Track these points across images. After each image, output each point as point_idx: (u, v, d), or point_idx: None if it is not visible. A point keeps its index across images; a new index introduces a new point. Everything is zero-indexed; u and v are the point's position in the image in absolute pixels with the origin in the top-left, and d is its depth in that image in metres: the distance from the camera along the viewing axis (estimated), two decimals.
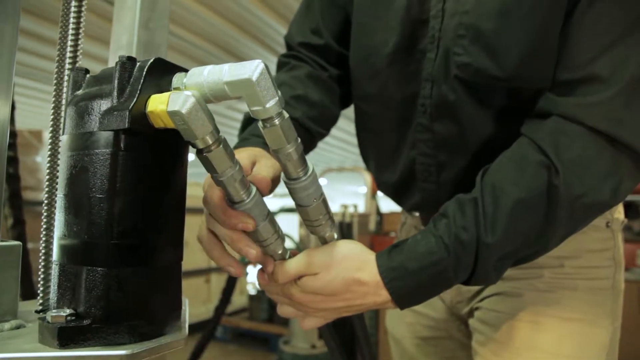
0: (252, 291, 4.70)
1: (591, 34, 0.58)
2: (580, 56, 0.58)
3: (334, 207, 2.74)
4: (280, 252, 0.55)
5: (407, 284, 0.56)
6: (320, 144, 0.87)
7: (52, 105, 0.53)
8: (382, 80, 0.73)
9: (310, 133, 0.78)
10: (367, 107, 0.79)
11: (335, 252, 0.56)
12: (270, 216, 0.50)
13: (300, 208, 0.51)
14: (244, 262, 3.09)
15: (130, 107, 0.38)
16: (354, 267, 0.56)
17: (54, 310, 0.38)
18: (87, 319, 0.38)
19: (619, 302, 0.72)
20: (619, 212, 0.75)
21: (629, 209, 3.04)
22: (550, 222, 0.56)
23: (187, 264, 0.46)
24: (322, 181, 5.11)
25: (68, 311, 0.38)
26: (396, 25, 0.69)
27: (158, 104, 0.38)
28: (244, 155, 0.55)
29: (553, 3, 0.58)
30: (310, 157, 0.52)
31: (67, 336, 0.37)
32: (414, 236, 0.59)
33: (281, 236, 0.53)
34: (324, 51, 0.82)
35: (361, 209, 3.82)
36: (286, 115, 0.42)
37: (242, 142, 0.68)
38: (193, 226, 0.66)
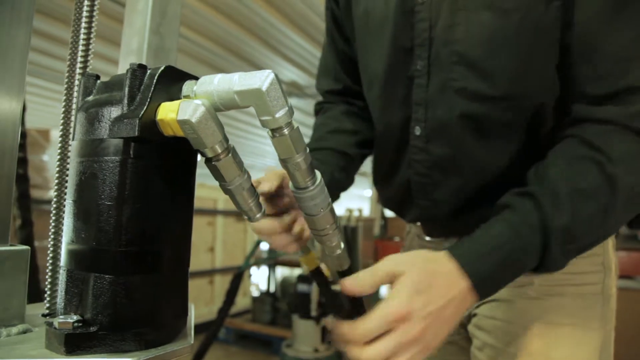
0: (255, 293, 4.71)
1: (617, 44, 0.60)
2: (609, 68, 0.60)
3: (339, 211, 2.74)
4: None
5: (481, 267, 0.56)
6: None
7: (62, 109, 0.54)
8: (382, 104, 0.80)
9: (349, 156, 0.84)
10: (377, 127, 0.84)
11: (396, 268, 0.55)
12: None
13: (307, 217, 0.51)
14: (247, 265, 3.10)
15: (141, 115, 0.38)
16: (427, 259, 0.56)
17: (61, 317, 0.39)
18: (94, 325, 0.38)
19: (609, 306, 0.74)
20: None
21: (635, 218, 3.00)
22: (610, 210, 0.58)
23: (191, 265, 0.46)
24: None
25: (75, 317, 0.38)
26: (385, 54, 0.75)
27: (168, 112, 0.39)
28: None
29: (536, 27, 0.62)
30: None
31: (73, 343, 0.37)
32: (480, 227, 0.60)
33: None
34: (346, 92, 0.94)
35: (366, 212, 3.82)
36: (295, 125, 0.42)
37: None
38: (198, 227, 0.67)
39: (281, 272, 4.98)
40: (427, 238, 0.84)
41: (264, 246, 4.73)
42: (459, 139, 0.70)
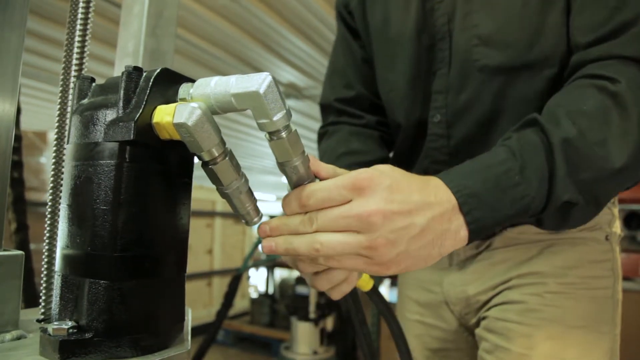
0: (253, 295, 4.69)
1: None
2: (600, 15, 0.62)
3: None
4: None
5: (469, 183, 0.49)
6: None
7: (58, 111, 0.53)
8: (405, 105, 0.81)
9: None
10: (400, 123, 0.84)
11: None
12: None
13: None
14: (246, 267, 3.09)
15: (136, 118, 0.37)
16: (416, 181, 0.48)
17: (55, 323, 0.38)
18: (89, 332, 0.37)
19: (618, 310, 0.75)
20: (616, 226, 0.79)
21: (633, 219, 3.04)
22: (624, 131, 0.53)
23: (189, 267, 0.46)
24: None
25: (70, 324, 0.37)
26: (408, 56, 0.79)
27: (164, 115, 0.38)
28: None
29: None
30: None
31: (68, 349, 0.36)
32: None
33: None
34: (358, 101, 0.91)
35: None
36: (293, 128, 0.42)
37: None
38: (196, 228, 0.66)
39: (280, 274, 4.97)
40: None
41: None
42: (483, 118, 0.72)
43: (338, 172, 0.49)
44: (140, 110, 0.38)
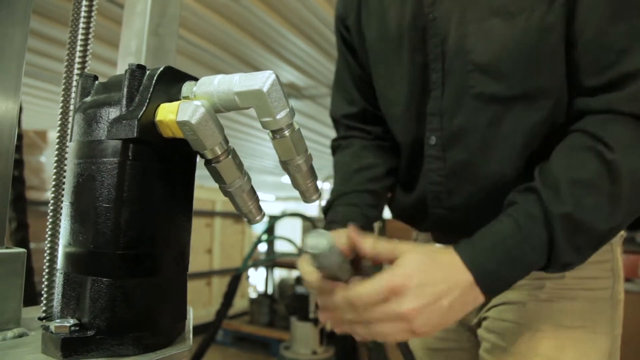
0: (253, 295, 4.69)
1: (611, 36, 0.61)
2: (604, 59, 0.62)
3: None
4: None
5: (483, 260, 0.57)
6: (325, 149, 0.91)
7: (60, 110, 0.53)
8: (405, 122, 0.81)
9: (375, 192, 0.85)
10: (399, 141, 0.86)
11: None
12: None
13: None
14: (245, 267, 3.09)
15: (139, 116, 0.37)
16: (431, 248, 0.59)
17: (57, 320, 0.38)
18: (91, 329, 0.37)
19: (618, 311, 0.75)
20: None
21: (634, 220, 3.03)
22: (616, 199, 0.58)
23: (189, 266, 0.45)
24: (328, 186, 5.11)
25: (72, 321, 0.38)
26: (404, 73, 0.78)
27: (167, 113, 0.38)
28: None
29: (541, 26, 0.64)
30: (316, 162, 0.52)
31: (70, 347, 0.36)
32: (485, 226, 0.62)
33: None
34: (362, 116, 0.93)
35: None
36: (296, 126, 0.42)
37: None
38: (196, 228, 0.66)
39: (279, 273, 4.97)
40: (437, 245, 0.85)
41: (262, 248, 4.72)
42: (478, 144, 0.72)
43: (378, 248, 0.58)
44: (144, 108, 0.38)
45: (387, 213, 0.95)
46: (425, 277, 0.55)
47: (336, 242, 0.53)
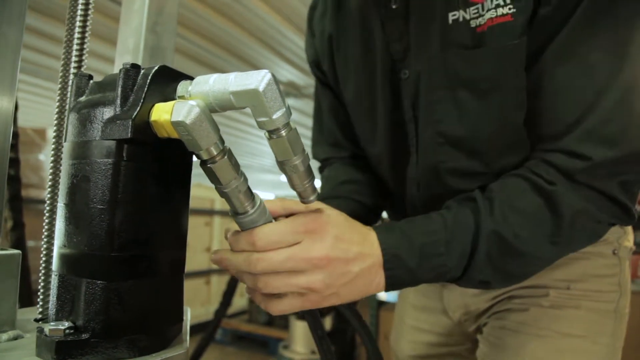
0: None
1: (569, 90, 0.57)
2: (562, 112, 0.58)
3: None
4: None
5: (396, 244, 0.54)
6: None
7: (56, 108, 0.53)
8: (388, 177, 0.79)
9: (365, 205, 0.82)
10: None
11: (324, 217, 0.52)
12: None
13: None
14: None
15: (134, 116, 0.37)
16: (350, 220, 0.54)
17: (52, 323, 0.37)
18: (85, 332, 0.37)
19: (621, 325, 0.74)
20: (627, 240, 0.77)
21: (633, 219, 3.02)
22: (554, 231, 0.56)
23: (187, 265, 0.45)
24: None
25: (67, 324, 0.37)
26: (383, 134, 0.75)
27: (162, 113, 0.37)
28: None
29: (517, 101, 0.60)
30: (314, 162, 0.52)
31: (64, 350, 0.36)
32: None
33: None
34: (351, 157, 0.90)
35: None
36: (293, 126, 0.41)
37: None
38: (195, 227, 0.66)
39: None
40: None
41: None
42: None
43: (286, 206, 0.52)
44: (138, 108, 0.37)
45: (385, 213, 0.94)
46: (342, 233, 0.50)
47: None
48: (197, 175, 0.51)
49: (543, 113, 0.59)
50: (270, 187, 12.90)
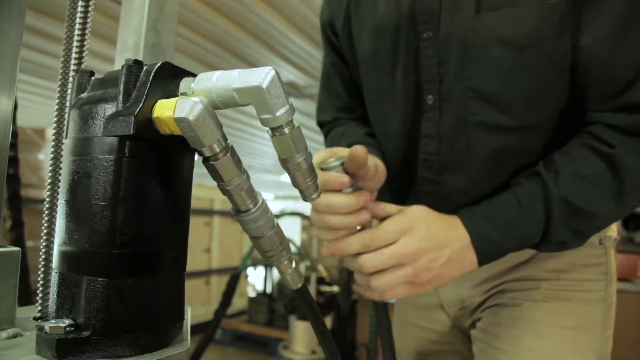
0: (251, 294, 4.69)
1: (620, 66, 0.61)
2: (609, 90, 0.63)
3: None
4: (285, 262, 0.53)
5: (481, 226, 0.63)
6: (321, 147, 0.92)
7: (56, 107, 0.52)
8: (393, 141, 0.81)
9: (372, 146, 0.83)
10: (388, 157, 0.84)
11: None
12: (276, 227, 0.49)
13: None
14: (244, 266, 3.08)
15: (136, 112, 0.37)
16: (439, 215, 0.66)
17: (52, 321, 0.37)
18: (86, 330, 0.37)
19: (610, 313, 0.76)
20: (612, 230, 0.79)
21: (631, 220, 3.04)
22: (617, 193, 0.61)
23: (187, 266, 0.45)
24: None
25: (67, 322, 0.37)
26: (398, 90, 0.76)
27: (165, 109, 0.37)
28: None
29: (551, 60, 0.63)
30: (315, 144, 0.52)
31: (65, 348, 0.36)
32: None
33: (286, 248, 0.52)
34: (361, 118, 0.93)
35: None
36: (296, 124, 0.41)
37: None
38: (194, 227, 0.66)
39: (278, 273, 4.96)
40: None
41: None
42: (478, 170, 0.71)
43: (388, 210, 0.64)
44: (141, 105, 0.37)
45: None
46: (430, 225, 0.61)
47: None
48: (197, 176, 0.51)
49: (598, 74, 0.63)
50: (270, 187, 12.90)
